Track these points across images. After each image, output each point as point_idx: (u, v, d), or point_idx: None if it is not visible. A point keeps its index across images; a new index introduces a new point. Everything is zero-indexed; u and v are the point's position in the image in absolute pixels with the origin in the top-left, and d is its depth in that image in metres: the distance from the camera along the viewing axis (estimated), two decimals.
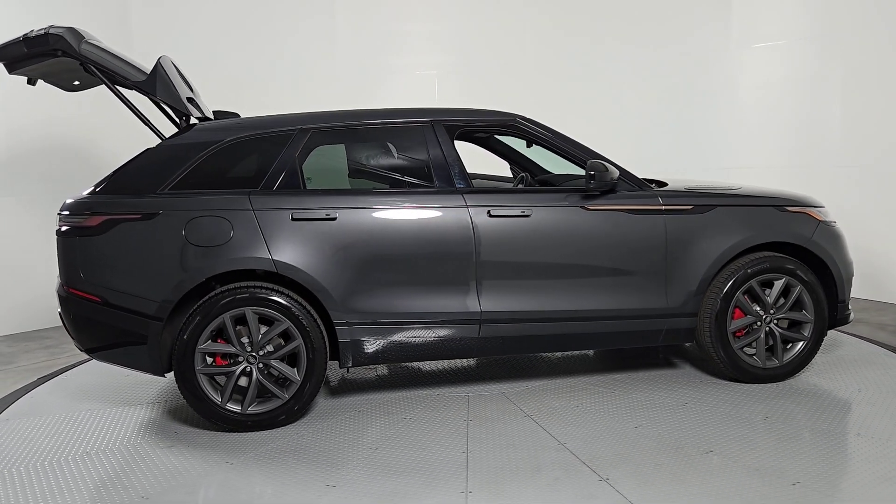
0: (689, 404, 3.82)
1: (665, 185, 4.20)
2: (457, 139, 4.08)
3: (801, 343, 4.09)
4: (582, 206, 3.88)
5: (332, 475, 3.10)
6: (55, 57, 3.68)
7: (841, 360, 4.48)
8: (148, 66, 3.87)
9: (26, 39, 3.62)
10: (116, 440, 3.62)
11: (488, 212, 3.78)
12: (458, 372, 4.57)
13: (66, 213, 3.66)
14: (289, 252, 3.61)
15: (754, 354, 4.08)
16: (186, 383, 3.55)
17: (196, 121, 4.01)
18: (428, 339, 3.79)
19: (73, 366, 5.02)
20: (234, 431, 3.63)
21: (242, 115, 4.23)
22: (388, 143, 4.03)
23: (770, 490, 2.82)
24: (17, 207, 6.18)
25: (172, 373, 3.61)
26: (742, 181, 4.78)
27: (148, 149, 3.79)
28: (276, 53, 7.26)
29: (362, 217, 3.70)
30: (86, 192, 3.74)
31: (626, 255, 3.91)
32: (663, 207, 3.94)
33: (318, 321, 3.65)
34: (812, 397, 3.87)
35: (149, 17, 7.09)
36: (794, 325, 4.12)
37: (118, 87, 3.86)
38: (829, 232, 4.13)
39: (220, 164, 3.79)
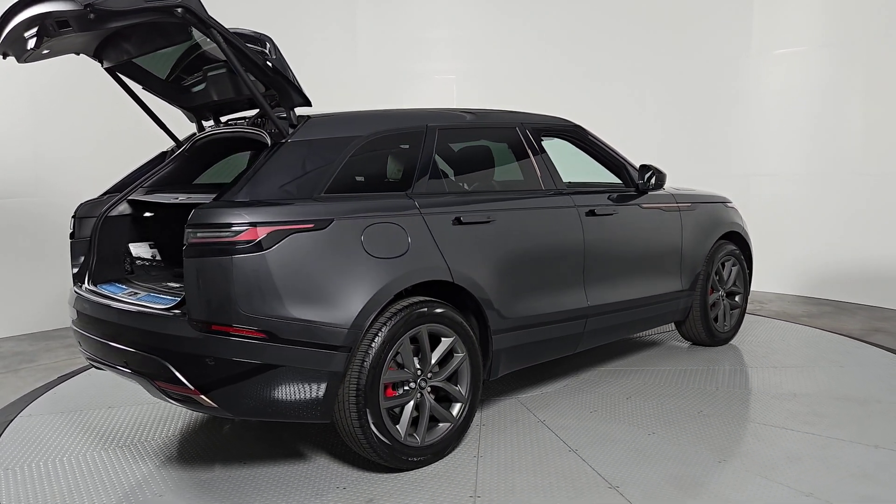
0: (714, 369, 4.62)
1: None
2: None
3: (738, 310, 5.24)
4: (638, 205, 4.36)
5: (598, 490, 3.05)
6: (171, 17, 2.69)
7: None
8: None
9: None
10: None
11: (591, 210, 4.00)
12: None
13: (207, 224, 2.72)
14: (459, 260, 3.30)
15: (716, 321, 5.07)
16: (369, 424, 2.97)
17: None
18: (551, 338, 3.83)
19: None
20: (413, 469, 3.17)
21: None
22: (504, 144, 3.91)
23: (859, 409, 3.76)
24: (39, 208, 6.18)
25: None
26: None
27: (281, 146, 3.02)
28: (299, 59, 6.63)
29: (514, 219, 3.59)
30: (215, 199, 2.84)
31: (665, 246, 4.53)
32: (678, 205, 4.66)
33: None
34: (766, 344, 5.05)
35: None
36: (729, 295, 5.24)
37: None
38: (744, 221, 5.37)
39: (363, 162, 3.25)
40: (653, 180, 4.33)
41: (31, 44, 2.87)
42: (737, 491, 2.90)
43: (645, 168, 4.35)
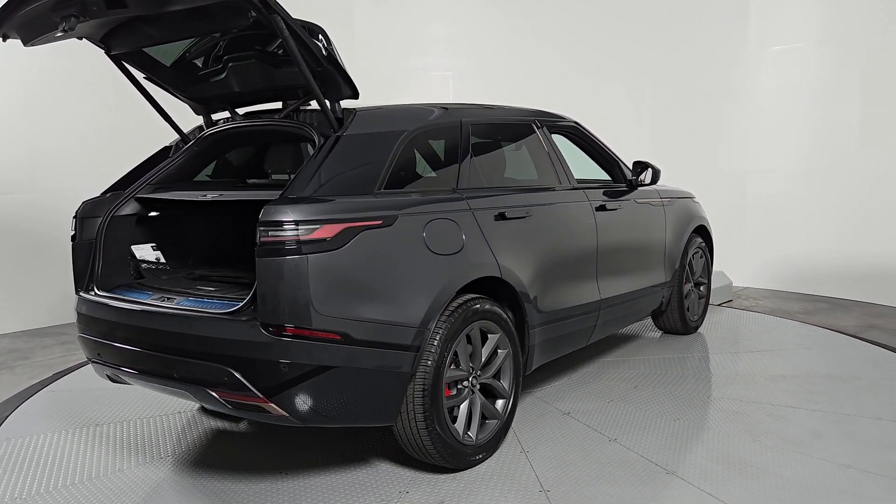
0: (695, 355, 4.87)
1: None
2: None
3: (704, 299, 5.54)
4: (634, 200, 4.51)
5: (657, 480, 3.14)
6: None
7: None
8: None
9: None
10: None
11: (601, 206, 4.10)
12: None
13: (281, 222, 2.56)
14: (504, 255, 3.30)
15: (688, 311, 5.34)
16: (434, 424, 2.91)
17: None
18: (572, 331, 3.90)
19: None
20: (471, 467, 3.13)
21: None
22: (524, 140, 3.90)
23: (846, 386, 4.10)
24: (35, 205, 6.12)
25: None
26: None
27: (339, 140, 2.89)
28: None
29: (547, 214, 3.63)
30: (282, 196, 2.67)
31: (654, 239, 4.72)
32: (662, 200, 4.87)
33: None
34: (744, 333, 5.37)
35: None
36: (695, 286, 5.53)
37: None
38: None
39: (410, 157, 3.18)
40: (649, 177, 4.49)
41: (65, 25, 2.58)
42: (783, 467, 3.07)
43: (640, 164, 4.50)
